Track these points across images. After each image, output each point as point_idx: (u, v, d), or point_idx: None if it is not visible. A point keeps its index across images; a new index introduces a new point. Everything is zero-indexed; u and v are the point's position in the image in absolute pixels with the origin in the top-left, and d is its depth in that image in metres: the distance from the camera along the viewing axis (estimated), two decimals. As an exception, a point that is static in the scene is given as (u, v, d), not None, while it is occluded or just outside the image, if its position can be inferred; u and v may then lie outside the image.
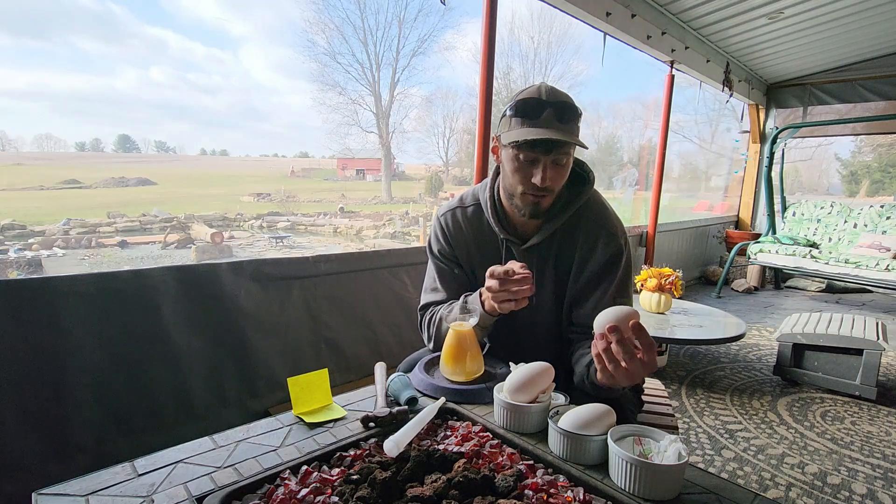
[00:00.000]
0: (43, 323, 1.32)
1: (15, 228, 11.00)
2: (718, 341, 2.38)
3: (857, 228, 4.65)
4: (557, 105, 0.91)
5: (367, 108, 21.70)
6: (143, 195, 19.24)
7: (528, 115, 0.92)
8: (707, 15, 3.57)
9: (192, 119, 79.38)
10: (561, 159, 0.93)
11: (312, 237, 13.67)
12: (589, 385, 0.93)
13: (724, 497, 0.66)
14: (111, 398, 1.43)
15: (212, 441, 0.76)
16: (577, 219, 1.05)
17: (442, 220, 1.15)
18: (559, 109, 0.91)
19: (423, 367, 1.03)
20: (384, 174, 23.63)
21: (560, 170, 0.95)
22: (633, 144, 22.30)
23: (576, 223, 1.05)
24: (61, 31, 79.55)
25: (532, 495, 0.62)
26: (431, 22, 20.67)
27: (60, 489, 0.62)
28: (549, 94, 0.93)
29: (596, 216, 1.05)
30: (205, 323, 1.63)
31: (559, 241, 1.06)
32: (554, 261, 1.07)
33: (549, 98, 0.92)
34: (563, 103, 0.92)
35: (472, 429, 0.80)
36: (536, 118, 0.91)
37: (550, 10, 2.73)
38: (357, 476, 0.64)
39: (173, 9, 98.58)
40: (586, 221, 1.05)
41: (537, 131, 0.90)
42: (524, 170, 0.95)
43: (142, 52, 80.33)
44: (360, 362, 2.07)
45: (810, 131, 5.59)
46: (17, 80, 73.77)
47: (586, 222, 1.05)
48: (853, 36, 4.18)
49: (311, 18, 25.84)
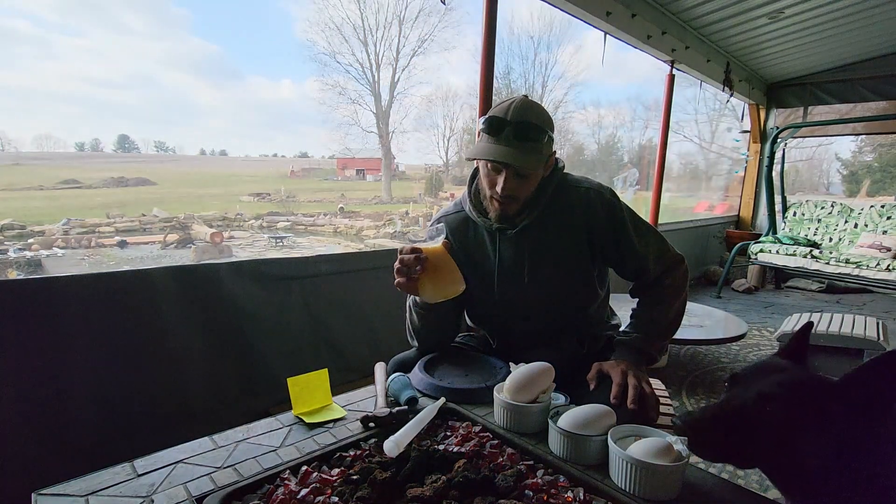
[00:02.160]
0: (43, 323, 1.31)
1: (14, 228, 11.00)
2: (719, 341, 2.38)
3: (858, 228, 4.65)
4: (519, 125, 0.99)
5: (367, 108, 21.69)
6: (143, 195, 19.23)
7: (490, 132, 1.01)
8: (707, 15, 3.57)
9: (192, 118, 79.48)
10: (522, 172, 1.00)
11: (312, 237, 13.66)
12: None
13: (724, 497, 0.66)
14: (111, 398, 1.43)
15: (212, 441, 0.76)
16: (565, 197, 1.10)
17: (430, 234, 1.21)
18: (519, 129, 0.98)
19: (423, 367, 1.03)
20: (384, 174, 23.61)
21: (523, 181, 1.02)
22: (633, 144, 22.31)
23: (566, 201, 1.10)
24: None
25: (532, 495, 0.62)
26: (432, 22, 20.57)
27: (60, 489, 0.62)
28: (515, 114, 0.99)
29: (581, 187, 1.12)
30: (204, 323, 1.63)
31: (553, 223, 1.10)
32: (551, 239, 1.11)
33: (514, 117, 0.99)
34: (524, 123, 0.99)
35: (472, 429, 0.80)
36: (497, 136, 1.00)
37: (550, 9, 2.74)
38: (357, 476, 0.64)
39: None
40: (576, 193, 1.11)
41: (491, 149, 0.99)
42: (489, 177, 1.04)
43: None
44: (360, 362, 2.07)
45: (810, 131, 5.59)
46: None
47: (576, 194, 1.11)
48: (853, 36, 4.18)
49: (312, 18, 25.83)
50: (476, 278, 1.17)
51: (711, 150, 17.81)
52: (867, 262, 3.93)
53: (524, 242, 1.10)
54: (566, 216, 1.10)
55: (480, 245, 1.16)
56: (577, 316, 1.17)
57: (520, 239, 1.10)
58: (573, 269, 1.11)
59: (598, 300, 1.19)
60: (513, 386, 0.82)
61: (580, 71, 22.21)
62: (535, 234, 1.10)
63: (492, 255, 1.14)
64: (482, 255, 1.16)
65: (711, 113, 16.81)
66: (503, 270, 1.13)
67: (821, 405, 0.63)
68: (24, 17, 68.63)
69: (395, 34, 20.45)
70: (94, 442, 1.40)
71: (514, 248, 1.11)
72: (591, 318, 1.20)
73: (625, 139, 22.84)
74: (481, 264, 1.16)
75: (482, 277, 1.16)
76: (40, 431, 1.32)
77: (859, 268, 3.97)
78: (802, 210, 5.12)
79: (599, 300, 1.20)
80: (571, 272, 1.11)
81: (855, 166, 15.43)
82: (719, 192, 15.96)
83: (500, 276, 1.13)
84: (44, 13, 67.78)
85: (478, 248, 1.16)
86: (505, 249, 1.12)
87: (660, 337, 1.09)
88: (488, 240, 1.15)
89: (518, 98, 1.02)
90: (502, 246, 1.12)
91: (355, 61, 20.52)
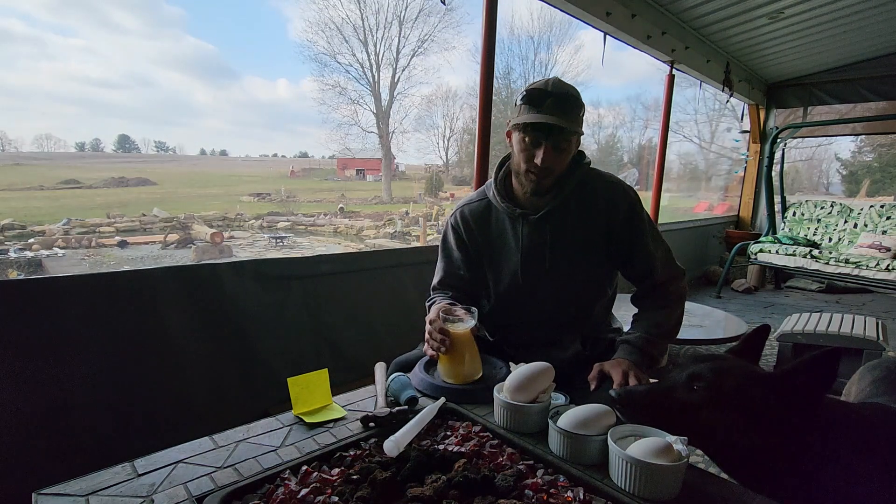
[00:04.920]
0: (43, 323, 1.31)
1: (15, 228, 11.00)
2: (719, 341, 2.38)
3: (858, 228, 4.65)
4: (560, 96, 1.03)
5: (367, 107, 21.68)
6: (143, 195, 19.23)
7: (533, 102, 1.04)
8: (707, 15, 3.57)
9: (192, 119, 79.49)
10: (560, 144, 1.04)
11: (312, 237, 13.66)
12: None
13: (724, 497, 0.66)
14: (111, 398, 1.43)
15: (212, 441, 0.76)
16: (590, 186, 1.14)
17: (452, 220, 1.24)
18: (561, 99, 1.02)
19: (423, 367, 1.03)
20: (384, 174, 23.61)
21: (560, 154, 1.06)
22: (633, 144, 22.30)
23: (591, 190, 1.14)
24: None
25: (532, 495, 0.62)
26: (432, 22, 20.53)
27: (60, 489, 0.62)
28: (555, 87, 1.04)
29: (605, 179, 1.16)
30: (205, 323, 1.63)
31: (576, 210, 1.13)
32: (574, 228, 1.13)
33: (554, 89, 1.03)
34: (565, 94, 1.03)
35: (472, 429, 0.80)
36: (540, 106, 1.03)
37: (550, 9, 2.74)
38: (357, 476, 0.64)
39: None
40: (601, 184, 1.15)
41: (538, 116, 1.02)
42: (528, 150, 1.07)
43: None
44: (360, 362, 2.07)
45: (810, 131, 5.59)
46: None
47: (602, 185, 1.14)
48: (853, 36, 4.18)
49: (312, 18, 25.80)
50: (497, 267, 1.19)
51: (711, 150, 17.82)
52: (867, 262, 3.93)
53: (546, 227, 1.13)
54: (589, 204, 1.13)
55: (503, 233, 1.18)
56: (582, 313, 1.19)
57: (542, 224, 1.13)
58: (590, 259, 1.14)
59: (605, 298, 1.21)
60: (513, 386, 0.82)
61: (580, 71, 22.18)
62: (558, 220, 1.13)
63: (513, 242, 1.16)
64: (504, 242, 1.18)
65: (711, 113, 16.83)
66: (525, 256, 1.15)
67: (750, 391, 0.72)
68: (17, 17, 68.71)
69: (395, 34, 20.46)
70: (94, 442, 1.40)
71: (537, 233, 1.13)
72: (596, 318, 1.22)
73: (624, 139, 22.86)
74: (503, 251, 1.18)
75: (502, 266, 1.18)
76: (40, 431, 1.32)
77: (859, 268, 3.97)
78: (802, 210, 5.12)
79: (606, 299, 1.22)
80: (588, 261, 1.14)
81: (855, 166, 15.42)
82: (719, 192, 15.96)
83: (524, 261, 1.15)
84: (36, 12, 67.86)
85: (500, 236, 1.19)
86: (527, 235, 1.14)
87: (662, 338, 1.10)
88: (510, 226, 1.17)
89: (552, 77, 1.07)
90: (524, 231, 1.14)
91: (355, 61, 20.53)
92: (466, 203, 1.24)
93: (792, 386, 0.70)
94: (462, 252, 1.23)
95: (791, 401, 0.70)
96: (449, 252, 1.25)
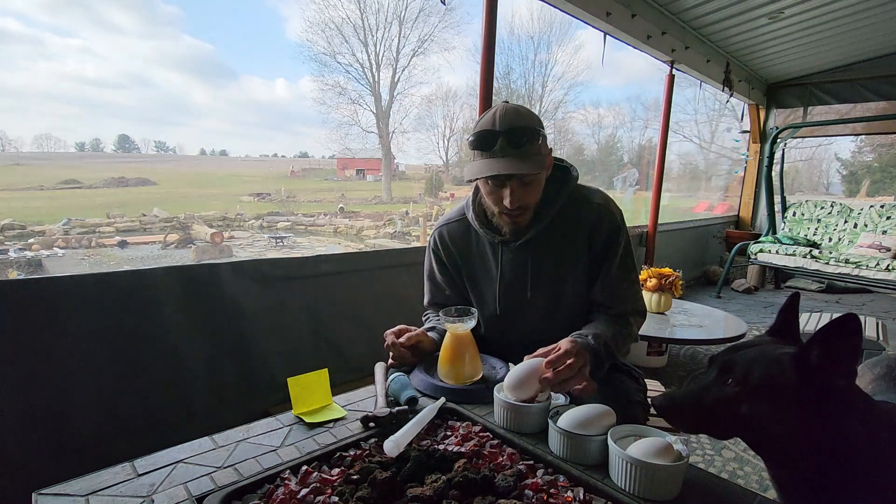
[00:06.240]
0: (43, 323, 1.32)
1: (15, 228, 10.99)
2: (719, 341, 2.38)
3: (858, 228, 4.65)
4: (510, 132, 0.93)
5: (367, 107, 21.67)
6: (143, 195, 19.23)
7: (482, 147, 0.96)
8: (707, 15, 3.57)
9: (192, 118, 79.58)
10: (525, 178, 0.96)
11: (312, 237, 13.65)
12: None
13: (724, 497, 0.66)
14: (111, 398, 1.43)
15: (212, 441, 0.76)
16: (575, 209, 1.07)
17: (431, 242, 1.20)
18: (511, 135, 0.93)
19: (423, 367, 1.03)
20: (384, 174, 23.61)
21: (530, 187, 0.98)
22: (633, 144, 22.30)
23: (574, 210, 1.07)
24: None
25: (532, 495, 0.62)
26: (432, 22, 20.52)
27: (60, 489, 0.62)
28: (503, 122, 0.94)
29: (592, 202, 1.08)
30: (205, 323, 1.63)
31: (560, 233, 1.07)
32: (555, 251, 1.08)
33: (502, 126, 0.94)
34: (515, 129, 0.93)
35: (472, 429, 0.80)
36: (490, 149, 0.95)
37: (550, 9, 2.74)
38: (357, 476, 0.64)
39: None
40: (587, 206, 1.07)
41: (489, 165, 0.94)
42: (494, 194, 0.99)
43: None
44: (360, 362, 2.07)
45: (810, 131, 5.59)
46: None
47: (587, 207, 1.07)
48: (853, 36, 4.18)
49: (312, 18, 25.81)
50: (477, 291, 1.15)
51: (711, 150, 17.82)
52: (867, 262, 3.94)
53: (527, 254, 1.08)
54: (573, 230, 1.07)
55: (482, 257, 1.14)
56: (571, 331, 1.08)
57: (523, 251, 1.08)
58: (574, 286, 1.08)
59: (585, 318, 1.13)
60: (511, 382, 0.81)
61: (580, 71, 22.20)
62: (540, 246, 1.07)
63: (494, 268, 1.11)
64: (484, 267, 1.14)
65: (711, 113, 16.83)
66: (505, 284, 1.10)
67: (776, 377, 0.64)
68: (14, 17, 68.74)
69: (395, 34, 20.45)
70: (94, 442, 1.40)
71: (517, 260, 1.08)
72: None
73: (624, 139, 22.84)
74: (483, 277, 1.14)
75: (483, 291, 1.14)
76: (40, 431, 1.32)
77: (859, 268, 3.97)
78: (802, 210, 5.12)
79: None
80: (573, 288, 1.08)
81: (854, 166, 15.42)
82: (719, 192, 15.96)
83: (502, 289, 1.11)
84: (33, 12, 67.87)
85: (480, 260, 1.14)
86: (507, 262, 1.09)
87: (608, 359, 0.99)
88: (490, 252, 1.12)
89: (499, 106, 0.98)
90: (504, 258, 1.09)
91: (355, 61, 20.52)
92: (445, 223, 1.18)
93: (813, 361, 0.62)
94: (443, 275, 1.19)
95: (813, 379, 0.61)
96: (432, 274, 1.21)
